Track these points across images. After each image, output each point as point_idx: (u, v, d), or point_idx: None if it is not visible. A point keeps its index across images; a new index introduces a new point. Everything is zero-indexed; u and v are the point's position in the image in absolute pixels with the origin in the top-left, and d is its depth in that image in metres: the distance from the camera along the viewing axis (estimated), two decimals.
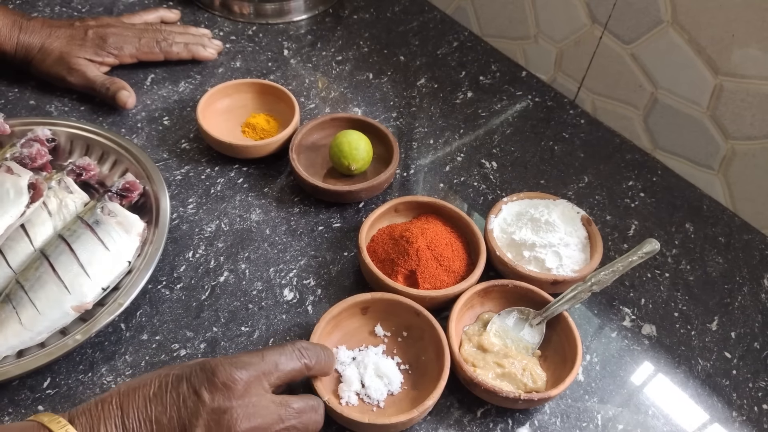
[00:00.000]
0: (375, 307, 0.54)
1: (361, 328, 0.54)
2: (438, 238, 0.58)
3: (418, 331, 0.54)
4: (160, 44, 0.76)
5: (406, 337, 0.54)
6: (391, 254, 0.57)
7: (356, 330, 0.54)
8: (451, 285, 0.56)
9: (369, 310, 0.54)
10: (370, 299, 0.53)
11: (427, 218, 0.62)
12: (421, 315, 0.53)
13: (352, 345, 0.53)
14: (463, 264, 0.58)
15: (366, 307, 0.54)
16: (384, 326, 0.55)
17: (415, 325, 0.54)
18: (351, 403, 0.49)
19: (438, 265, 0.57)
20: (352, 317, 0.54)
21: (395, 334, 0.54)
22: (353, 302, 0.53)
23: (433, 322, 0.52)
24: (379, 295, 0.53)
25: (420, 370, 0.52)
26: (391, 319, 0.55)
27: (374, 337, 0.54)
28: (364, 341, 0.54)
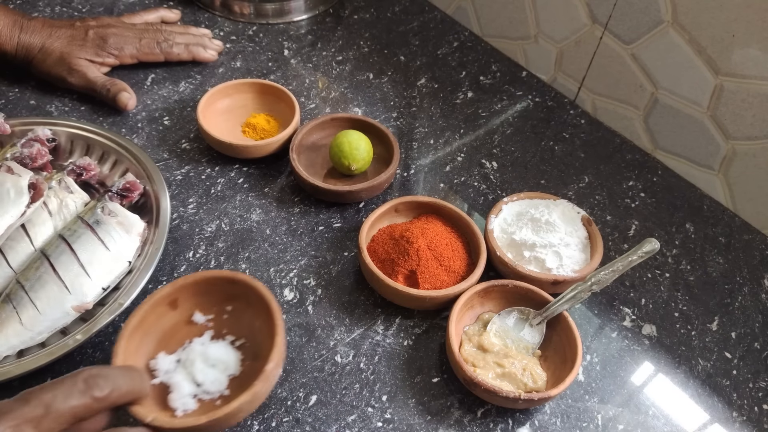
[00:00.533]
0: (185, 295, 0.48)
1: (177, 324, 0.48)
2: (438, 238, 0.58)
3: (241, 298, 0.48)
4: (161, 45, 0.76)
5: (232, 311, 0.49)
6: (391, 254, 0.57)
7: (172, 328, 0.48)
8: (451, 285, 0.56)
9: (179, 301, 0.48)
10: (172, 290, 0.47)
11: (427, 218, 0.62)
12: (237, 280, 0.47)
13: (174, 347, 0.47)
14: (463, 264, 0.58)
15: (174, 299, 0.47)
16: (203, 310, 0.49)
17: (236, 294, 0.48)
18: (189, 409, 0.44)
19: (438, 265, 0.57)
20: (162, 317, 0.47)
21: (219, 312, 0.49)
22: (154, 301, 0.46)
23: (251, 281, 0.47)
24: (182, 280, 0.47)
25: (257, 337, 0.47)
26: (208, 300, 0.48)
27: (196, 327, 0.48)
28: (186, 336, 0.47)
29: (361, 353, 0.54)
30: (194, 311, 0.49)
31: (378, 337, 0.56)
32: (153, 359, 0.46)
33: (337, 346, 0.55)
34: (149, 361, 0.47)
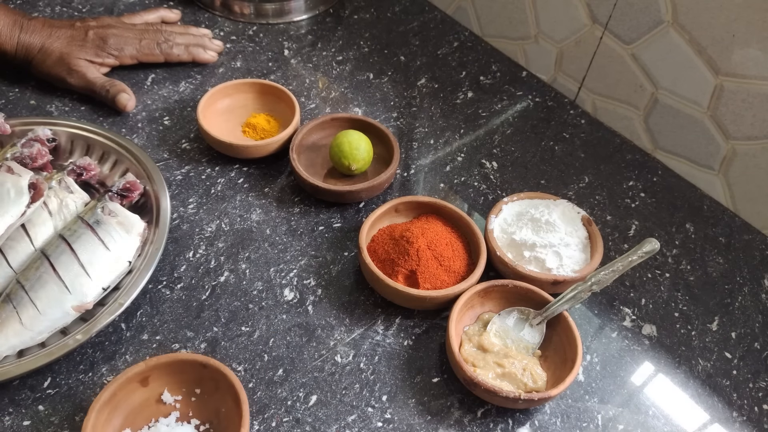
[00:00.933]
0: (156, 374, 0.48)
1: (146, 402, 0.48)
2: (438, 238, 0.58)
3: (210, 383, 0.48)
4: (161, 46, 0.76)
5: (200, 394, 0.49)
6: (391, 254, 0.57)
7: (141, 405, 0.48)
8: (451, 285, 0.56)
9: (150, 379, 0.48)
10: (145, 368, 0.47)
11: (427, 218, 0.62)
12: (208, 366, 0.47)
13: (140, 424, 0.47)
14: (463, 264, 0.58)
15: (145, 377, 0.48)
16: (172, 390, 0.49)
17: (206, 377, 0.48)
18: None
19: (438, 265, 0.57)
20: (132, 393, 0.47)
21: (187, 394, 0.49)
22: (126, 377, 0.46)
23: (222, 368, 0.47)
24: (154, 360, 0.47)
25: (222, 424, 0.47)
26: (178, 380, 0.49)
27: (164, 406, 0.48)
28: (153, 414, 0.48)
29: (361, 353, 0.54)
30: (163, 390, 0.49)
31: (378, 337, 0.56)
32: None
33: (337, 346, 0.55)
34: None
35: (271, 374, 0.52)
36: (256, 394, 0.51)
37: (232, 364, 0.53)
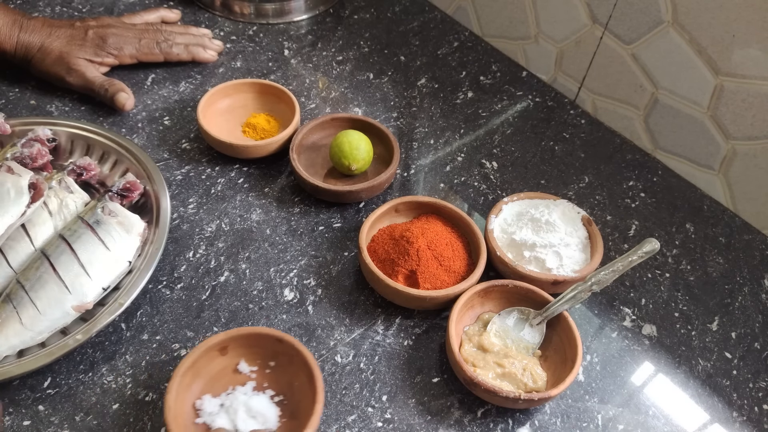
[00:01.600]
0: (234, 344, 0.50)
1: (224, 370, 0.50)
2: (438, 238, 0.58)
3: (284, 357, 0.50)
4: (161, 45, 0.76)
5: (275, 367, 0.51)
6: (391, 254, 0.57)
7: (219, 373, 0.50)
8: (451, 285, 0.56)
9: (228, 349, 0.50)
10: (226, 338, 0.49)
11: (427, 218, 0.62)
12: (284, 341, 0.50)
13: (218, 390, 0.49)
14: (463, 264, 0.58)
15: (224, 346, 0.50)
16: (248, 361, 0.51)
17: (281, 352, 0.50)
18: None
19: (438, 265, 0.57)
20: (212, 361, 0.50)
21: (262, 366, 0.51)
22: (208, 346, 0.49)
23: (297, 345, 0.49)
24: (235, 332, 0.50)
25: (295, 397, 0.49)
26: (255, 352, 0.51)
27: (240, 376, 0.50)
28: (230, 383, 0.50)
29: (361, 353, 0.54)
30: (240, 360, 0.51)
31: (378, 337, 0.56)
32: (199, 399, 0.48)
33: (337, 346, 0.55)
34: (195, 400, 0.49)
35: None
36: None
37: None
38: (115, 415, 0.49)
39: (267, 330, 0.50)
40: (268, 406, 0.48)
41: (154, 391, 0.51)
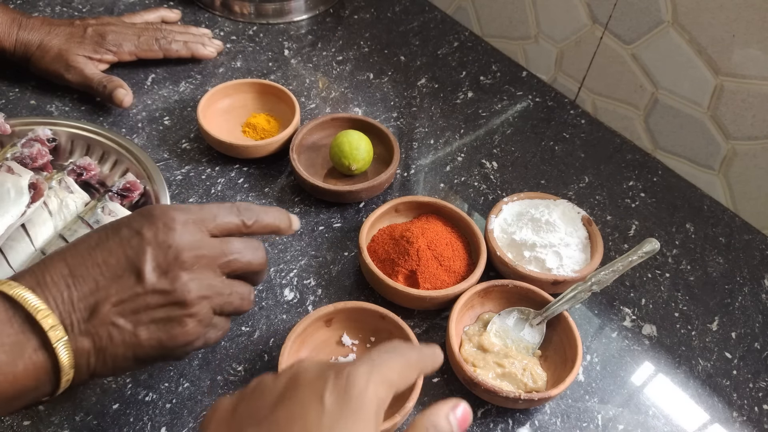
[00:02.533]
0: (339, 317, 0.53)
1: (327, 341, 0.54)
2: (438, 238, 0.58)
3: (385, 333, 0.53)
4: (160, 42, 0.76)
5: (375, 342, 0.54)
6: (391, 254, 0.57)
7: (323, 343, 0.53)
8: (451, 285, 0.56)
9: (333, 321, 0.53)
10: (333, 310, 0.52)
11: (427, 218, 0.62)
12: (387, 317, 0.52)
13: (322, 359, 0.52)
14: (463, 264, 0.58)
15: (330, 318, 0.53)
16: (350, 335, 0.54)
17: (382, 329, 0.53)
18: None
19: (438, 265, 0.57)
20: (317, 331, 0.53)
21: (363, 340, 0.54)
22: (316, 316, 0.52)
23: (400, 322, 0.52)
24: (342, 305, 0.53)
25: None
26: (357, 327, 0.54)
27: (343, 347, 0.54)
28: (333, 353, 0.53)
29: None
30: (343, 333, 0.54)
31: None
32: None
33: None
34: None
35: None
36: None
37: (232, 364, 0.53)
38: (115, 415, 0.49)
39: (371, 306, 0.53)
40: None
41: (154, 391, 0.51)
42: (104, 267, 0.38)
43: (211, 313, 0.41)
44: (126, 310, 0.38)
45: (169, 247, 0.39)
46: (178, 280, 0.39)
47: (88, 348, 0.37)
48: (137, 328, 0.38)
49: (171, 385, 0.51)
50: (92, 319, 0.37)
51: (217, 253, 0.41)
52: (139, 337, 0.38)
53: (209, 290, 0.40)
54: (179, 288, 0.39)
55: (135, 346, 0.38)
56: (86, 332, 0.37)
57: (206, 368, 0.52)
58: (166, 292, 0.38)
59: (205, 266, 0.40)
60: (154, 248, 0.39)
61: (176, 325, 0.39)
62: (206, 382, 0.51)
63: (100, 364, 0.38)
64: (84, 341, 0.37)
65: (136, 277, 0.38)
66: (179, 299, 0.39)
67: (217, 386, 0.51)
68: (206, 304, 0.40)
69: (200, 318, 0.40)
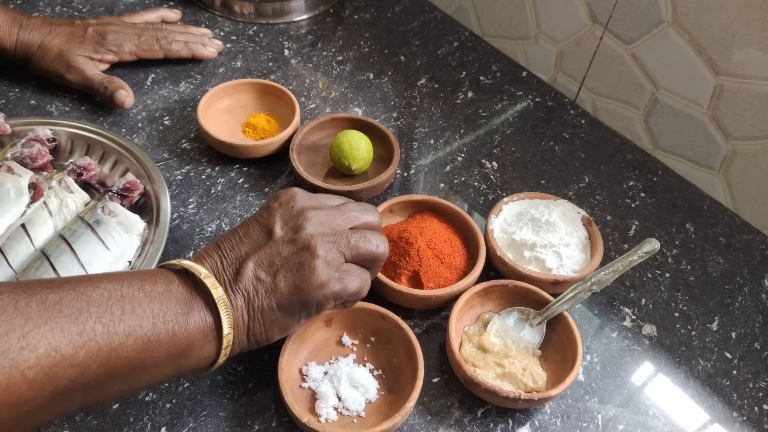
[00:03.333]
0: (339, 317, 0.54)
1: (328, 341, 0.54)
2: (436, 236, 0.58)
3: (385, 333, 0.53)
4: (160, 42, 0.76)
5: (375, 342, 0.54)
6: (392, 257, 0.57)
7: (323, 343, 0.54)
8: (454, 281, 0.56)
9: (333, 321, 0.54)
10: (332, 310, 0.52)
11: (422, 216, 0.62)
12: (387, 317, 0.52)
13: (322, 359, 0.53)
14: (463, 259, 0.58)
15: (330, 318, 0.53)
16: (350, 335, 0.54)
17: (382, 329, 0.53)
18: (330, 419, 0.48)
19: (440, 263, 0.57)
20: (318, 331, 0.53)
21: (363, 340, 0.54)
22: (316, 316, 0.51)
23: (400, 322, 0.52)
24: None
25: (394, 373, 0.52)
26: (357, 326, 0.54)
27: (342, 347, 0.54)
28: (333, 353, 0.53)
29: None
30: (343, 333, 0.54)
31: None
32: (305, 366, 0.52)
33: None
34: (302, 366, 0.52)
35: (271, 374, 0.52)
36: (256, 394, 0.51)
37: (232, 364, 0.53)
38: (115, 415, 0.49)
39: (371, 306, 0.53)
40: (369, 378, 0.51)
41: (154, 391, 0.51)
42: (245, 237, 0.45)
43: (340, 256, 0.45)
44: (264, 263, 0.44)
45: (293, 207, 0.46)
46: (303, 229, 0.45)
47: (241, 304, 0.42)
48: (276, 277, 0.43)
49: (171, 385, 0.51)
50: (239, 277, 0.43)
51: (336, 212, 0.47)
52: (278, 285, 0.43)
53: (329, 231, 0.45)
54: (303, 235, 0.44)
55: (276, 294, 0.43)
56: (237, 289, 0.42)
57: None
58: (292, 241, 0.44)
59: (326, 219, 0.46)
60: (281, 212, 0.46)
61: (306, 267, 0.43)
62: (206, 382, 0.51)
63: (252, 320, 0.43)
64: (237, 299, 0.42)
65: (268, 235, 0.45)
66: (304, 244, 0.44)
67: (217, 386, 0.51)
68: (330, 246, 0.45)
69: (327, 259, 0.44)
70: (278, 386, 0.48)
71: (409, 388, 0.48)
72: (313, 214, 0.46)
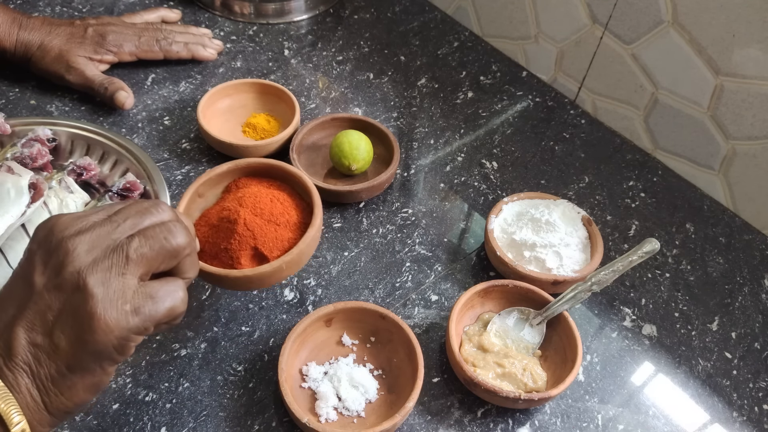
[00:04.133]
0: (339, 317, 0.53)
1: (328, 341, 0.54)
2: (259, 200, 0.50)
3: (385, 333, 0.53)
4: (160, 43, 0.76)
5: (375, 342, 0.54)
6: (220, 243, 0.49)
7: (323, 343, 0.53)
8: (297, 238, 0.49)
9: (333, 321, 0.54)
10: (333, 310, 0.52)
11: (236, 185, 0.54)
12: (387, 317, 0.52)
13: (322, 359, 0.53)
14: (298, 211, 0.52)
15: (330, 318, 0.53)
16: (350, 335, 0.54)
17: (382, 329, 0.53)
18: (330, 419, 0.49)
19: (276, 226, 0.49)
20: (317, 331, 0.53)
21: (363, 340, 0.54)
22: (316, 316, 0.52)
23: (400, 322, 0.52)
24: (342, 305, 0.53)
25: (393, 373, 0.52)
26: (357, 326, 0.54)
27: (342, 347, 0.54)
28: (333, 353, 0.53)
29: None
30: (343, 333, 0.54)
31: None
32: (305, 366, 0.52)
33: None
34: (302, 366, 0.52)
35: (271, 374, 0.52)
36: (256, 394, 0.51)
37: (232, 364, 0.53)
38: (115, 415, 0.49)
39: (372, 306, 0.53)
40: (369, 378, 0.51)
41: (154, 391, 0.51)
42: (7, 299, 0.36)
43: (126, 279, 0.36)
44: (35, 324, 0.35)
45: (50, 242, 0.36)
46: (66, 266, 0.35)
47: (25, 383, 0.34)
48: (52, 337, 0.35)
49: (171, 385, 0.51)
50: (13, 351, 0.34)
51: (106, 226, 0.37)
52: (59, 345, 0.34)
53: (101, 254, 0.36)
54: (67, 274, 0.35)
55: (61, 356, 0.35)
56: (14, 366, 0.34)
57: (206, 368, 0.52)
58: (58, 286, 0.35)
59: (95, 240, 0.36)
60: (39, 253, 0.36)
61: (82, 314, 0.34)
62: (206, 382, 0.52)
63: (46, 394, 0.35)
64: (18, 377, 0.34)
65: (30, 288, 0.35)
66: (73, 285, 0.35)
67: (217, 386, 0.51)
68: (107, 273, 0.35)
69: (108, 294, 0.35)
70: (278, 386, 0.48)
71: (409, 388, 0.48)
72: (76, 242, 0.35)
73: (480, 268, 0.62)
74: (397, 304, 0.58)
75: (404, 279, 0.60)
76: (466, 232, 0.65)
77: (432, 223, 0.65)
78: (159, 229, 0.38)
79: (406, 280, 0.60)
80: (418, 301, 0.59)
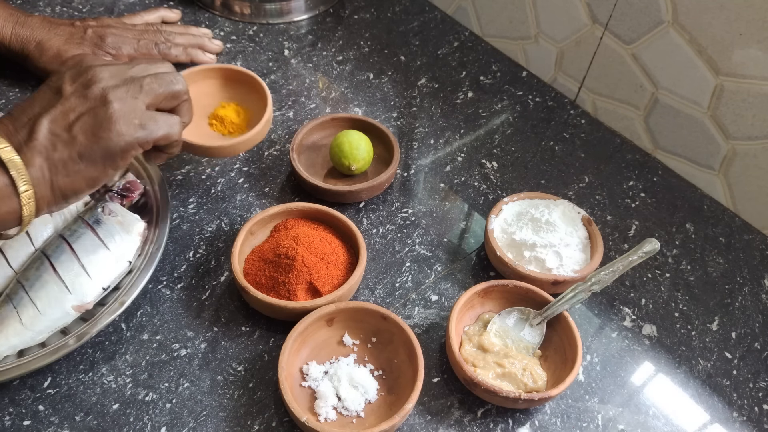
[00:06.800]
0: (340, 317, 0.53)
1: (329, 340, 0.54)
2: (312, 240, 0.56)
3: (386, 334, 0.53)
4: (159, 46, 0.76)
5: (376, 343, 0.54)
6: (278, 277, 0.55)
7: (324, 343, 0.53)
8: (343, 273, 0.56)
9: (334, 321, 0.54)
10: (335, 310, 0.52)
11: (286, 226, 0.59)
12: (388, 318, 0.52)
13: (323, 359, 0.53)
14: (343, 250, 0.58)
15: (331, 318, 0.53)
16: (352, 335, 0.54)
17: (383, 329, 0.53)
18: (329, 419, 0.49)
19: (327, 264, 0.56)
20: (318, 330, 0.53)
21: (364, 341, 0.54)
22: (318, 316, 0.52)
23: (401, 323, 0.52)
24: (344, 305, 0.53)
25: (394, 373, 0.52)
26: (358, 327, 0.54)
27: (343, 347, 0.54)
28: (334, 353, 0.53)
29: None
30: (344, 333, 0.54)
31: None
32: (306, 364, 0.52)
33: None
34: (302, 365, 0.52)
35: (271, 374, 0.52)
36: (256, 394, 0.51)
37: (232, 363, 0.53)
38: (115, 415, 0.49)
39: (373, 306, 0.53)
40: (369, 379, 0.51)
41: (154, 391, 0.51)
42: (36, 101, 0.45)
43: (137, 104, 0.46)
44: (58, 119, 0.44)
45: (81, 67, 0.46)
46: (93, 83, 0.45)
47: (39, 162, 0.43)
48: (72, 130, 0.43)
49: (171, 385, 0.51)
50: (33, 135, 0.43)
51: (126, 66, 0.47)
52: (76, 136, 0.43)
53: (121, 82, 0.46)
54: (94, 89, 0.44)
55: (76, 145, 0.43)
56: (32, 147, 0.43)
57: (206, 368, 0.52)
58: (84, 96, 0.44)
59: (116, 72, 0.46)
60: (69, 72, 0.46)
61: (102, 117, 0.44)
62: (206, 382, 0.52)
63: (55, 174, 0.43)
64: (33, 156, 0.42)
65: (58, 94, 0.45)
66: (97, 96, 0.44)
67: (217, 386, 0.51)
68: (124, 95, 0.45)
69: (124, 108, 0.45)
70: (278, 386, 0.48)
71: (409, 390, 0.48)
72: (103, 69, 0.46)
73: (480, 268, 0.62)
74: (397, 304, 0.58)
75: (404, 279, 0.60)
76: (466, 232, 0.65)
77: (432, 223, 0.65)
78: (166, 75, 0.48)
79: (406, 280, 0.60)
80: (418, 301, 0.59)
